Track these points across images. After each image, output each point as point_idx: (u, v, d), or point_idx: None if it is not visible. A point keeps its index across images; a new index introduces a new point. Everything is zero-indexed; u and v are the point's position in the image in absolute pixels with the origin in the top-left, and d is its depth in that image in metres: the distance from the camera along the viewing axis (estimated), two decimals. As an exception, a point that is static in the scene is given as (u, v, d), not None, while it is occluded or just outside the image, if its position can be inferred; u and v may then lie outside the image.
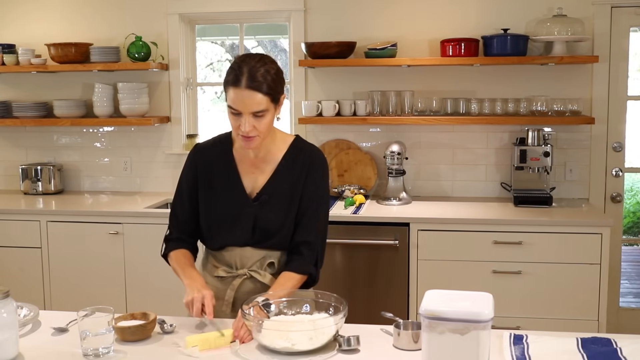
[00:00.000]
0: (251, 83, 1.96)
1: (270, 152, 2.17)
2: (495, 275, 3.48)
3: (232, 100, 1.99)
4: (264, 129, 2.03)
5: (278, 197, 2.15)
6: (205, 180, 2.20)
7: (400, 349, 1.83)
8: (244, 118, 1.99)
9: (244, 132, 2.01)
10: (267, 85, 1.98)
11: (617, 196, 4.02)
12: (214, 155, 2.21)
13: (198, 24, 4.46)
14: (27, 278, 3.88)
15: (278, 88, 2.03)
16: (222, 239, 2.18)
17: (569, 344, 1.79)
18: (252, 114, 1.99)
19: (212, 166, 2.20)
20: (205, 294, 2.00)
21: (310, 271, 2.14)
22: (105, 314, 1.79)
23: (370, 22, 4.10)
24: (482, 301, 1.57)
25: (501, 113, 3.92)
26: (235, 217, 2.15)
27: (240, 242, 2.16)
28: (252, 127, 2.00)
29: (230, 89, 2.00)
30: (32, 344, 1.88)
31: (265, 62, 2.02)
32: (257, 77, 1.97)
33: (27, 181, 4.37)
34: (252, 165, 2.18)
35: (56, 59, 4.20)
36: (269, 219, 2.14)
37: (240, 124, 2.01)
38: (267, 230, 2.14)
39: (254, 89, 1.97)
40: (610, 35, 3.91)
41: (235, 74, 1.98)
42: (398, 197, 3.90)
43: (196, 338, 1.84)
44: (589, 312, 3.43)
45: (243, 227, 2.14)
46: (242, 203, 2.15)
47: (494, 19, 3.96)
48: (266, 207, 2.14)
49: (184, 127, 4.40)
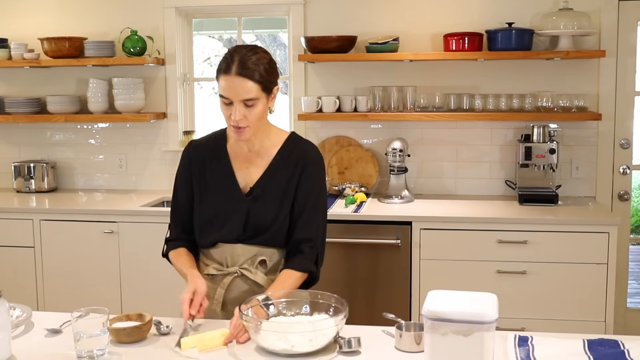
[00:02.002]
0: (242, 70, 2.00)
1: (264, 146, 2.20)
2: (499, 275, 3.48)
3: (223, 88, 2.03)
4: (254, 119, 2.05)
5: (272, 192, 2.17)
6: (200, 176, 2.22)
7: (402, 350, 1.83)
8: (234, 107, 2.03)
9: (235, 122, 2.04)
10: (258, 73, 2.02)
11: (624, 194, 4.02)
12: (208, 150, 2.24)
13: (195, 18, 4.46)
14: (20, 278, 3.88)
15: (270, 78, 2.06)
16: (214, 235, 2.19)
17: (575, 346, 1.79)
18: (242, 103, 2.02)
19: (205, 162, 2.23)
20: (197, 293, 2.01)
21: (311, 269, 2.15)
22: (100, 315, 1.79)
23: (372, 16, 4.09)
24: (486, 302, 1.57)
25: (506, 109, 3.92)
26: (227, 211, 2.17)
27: (231, 237, 2.17)
28: (243, 116, 2.03)
29: (221, 77, 2.03)
30: (25, 346, 1.88)
31: (257, 52, 2.06)
32: (248, 65, 2.01)
33: (20, 179, 4.37)
34: (246, 161, 2.21)
35: (49, 53, 4.19)
36: (262, 214, 2.15)
37: (231, 113, 2.04)
38: (259, 225, 2.16)
39: (244, 76, 2.00)
40: (617, 29, 3.90)
41: (227, 62, 2.03)
42: (400, 195, 3.90)
43: (191, 339, 1.84)
44: (595, 313, 3.43)
45: (235, 222, 2.16)
46: (235, 197, 2.17)
47: (498, 13, 3.96)
48: (259, 202, 2.16)
49: (180, 123, 4.40)
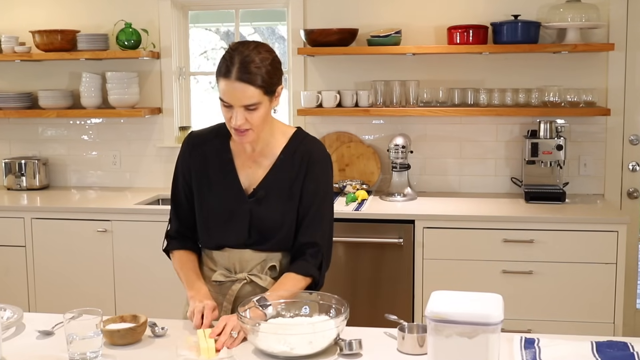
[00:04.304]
0: (242, 75, 1.94)
1: (268, 145, 2.16)
2: (505, 276, 3.48)
3: (223, 92, 1.98)
4: (257, 122, 2.01)
5: (276, 194, 2.13)
6: (199, 172, 2.19)
7: (404, 353, 1.83)
8: (235, 111, 1.98)
9: (236, 126, 2.00)
10: (260, 77, 1.96)
11: (634, 192, 4.01)
12: (210, 145, 2.20)
13: (191, 10, 4.45)
14: (11, 278, 3.88)
15: (273, 80, 2.00)
16: (218, 238, 2.17)
17: (583, 348, 1.79)
18: (243, 107, 1.97)
19: (206, 157, 2.19)
20: (206, 304, 2.00)
21: (313, 273, 2.11)
22: (93, 317, 1.79)
23: (373, 8, 4.08)
24: (492, 303, 1.57)
25: (511, 104, 3.91)
26: (229, 214, 2.14)
27: (237, 242, 2.14)
28: (244, 120, 1.98)
29: (221, 80, 1.98)
30: (16, 348, 1.88)
31: (260, 52, 1.99)
32: (249, 69, 1.95)
33: (11, 176, 4.37)
34: (250, 159, 2.16)
35: (41, 46, 4.19)
36: (265, 217, 2.12)
37: (231, 116, 1.99)
38: (264, 229, 2.12)
39: (245, 81, 1.94)
40: (626, 21, 3.90)
41: (227, 64, 1.97)
42: (402, 192, 3.90)
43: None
44: (604, 314, 3.43)
45: (238, 226, 2.13)
46: (237, 199, 2.14)
47: (503, 5, 3.95)
48: (263, 204, 2.12)
49: (176, 118, 4.39)
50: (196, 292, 2.08)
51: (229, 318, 1.92)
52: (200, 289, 2.10)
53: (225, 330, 1.88)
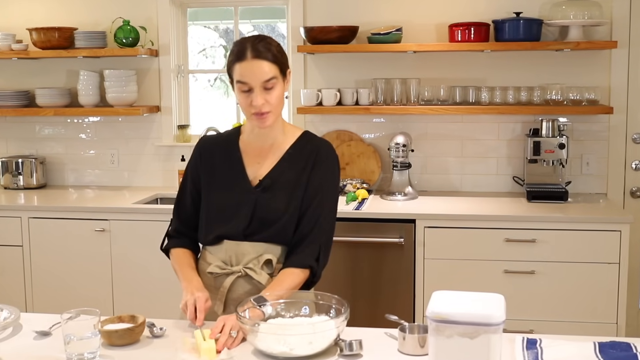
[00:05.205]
0: (256, 53, 2.08)
1: (277, 142, 2.25)
2: (507, 275, 3.48)
3: (241, 74, 2.09)
4: (275, 101, 2.12)
5: (281, 184, 2.19)
6: (209, 172, 2.26)
7: (405, 354, 1.83)
8: (255, 93, 2.09)
9: (257, 108, 2.09)
10: (271, 54, 2.10)
11: (637, 191, 4.01)
12: (219, 146, 2.30)
13: (190, 7, 4.45)
14: (8, 278, 3.88)
15: (283, 59, 2.14)
16: (219, 230, 2.20)
17: (585, 349, 1.79)
18: (262, 87, 2.08)
19: (215, 157, 2.27)
20: (198, 296, 2.03)
21: (310, 264, 2.13)
22: (90, 317, 1.79)
23: (374, 5, 4.08)
24: (493, 303, 1.57)
25: (513, 102, 3.91)
26: (235, 204, 2.19)
27: (237, 232, 2.17)
28: (264, 100, 2.09)
29: (236, 65, 2.10)
30: (13, 349, 1.88)
31: (264, 38, 2.15)
32: (260, 48, 2.09)
33: (8, 175, 4.37)
34: (258, 156, 2.25)
35: (38, 44, 4.19)
36: (270, 205, 2.17)
37: (252, 100, 2.09)
38: (266, 218, 2.16)
39: (260, 57, 2.08)
40: (629, 19, 3.89)
41: (239, 49, 2.11)
42: (403, 192, 3.90)
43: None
44: (607, 314, 3.43)
45: (242, 215, 2.17)
46: (243, 189, 2.20)
47: (505, 2, 3.94)
48: (268, 193, 2.18)
49: (174, 117, 4.39)
50: (188, 282, 2.13)
51: (227, 318, 1.93)
52: (192, 280, 2.14)
53: (225, 330, 1.89)
